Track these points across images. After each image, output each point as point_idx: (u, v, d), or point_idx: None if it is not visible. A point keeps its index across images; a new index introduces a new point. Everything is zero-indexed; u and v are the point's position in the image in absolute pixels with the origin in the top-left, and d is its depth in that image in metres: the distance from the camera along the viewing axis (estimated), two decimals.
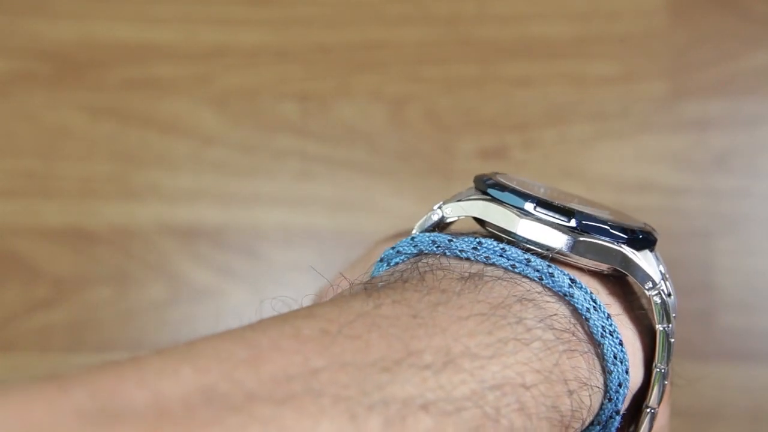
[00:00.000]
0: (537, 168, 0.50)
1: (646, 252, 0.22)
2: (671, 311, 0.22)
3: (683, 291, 0.48)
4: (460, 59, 0.51)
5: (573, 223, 0.21)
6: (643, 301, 0.23)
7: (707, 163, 0.49)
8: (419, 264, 0.21)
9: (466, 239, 0.21)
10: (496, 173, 0.24)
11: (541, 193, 0.23)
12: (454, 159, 0.50)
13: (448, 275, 0.20)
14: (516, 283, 0.20)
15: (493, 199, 0.22)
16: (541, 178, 0.49)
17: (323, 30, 0.52)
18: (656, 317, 0.22)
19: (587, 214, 0.22)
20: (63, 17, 0.52)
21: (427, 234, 0.22)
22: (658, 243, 0.23)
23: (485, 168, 0.50)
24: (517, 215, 0.21)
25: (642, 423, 0.22)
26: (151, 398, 0.15)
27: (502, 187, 0.22)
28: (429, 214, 0.24)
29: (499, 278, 0.20)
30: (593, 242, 0.21)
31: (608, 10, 0.51)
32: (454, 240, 0.21)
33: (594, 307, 0.20)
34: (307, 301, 0.21)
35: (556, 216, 0.21)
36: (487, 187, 0.23)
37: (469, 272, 0.20)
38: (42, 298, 0.49)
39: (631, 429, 0.22)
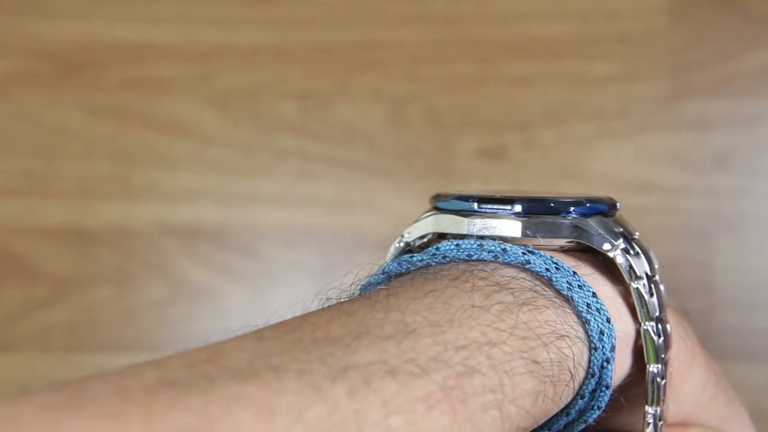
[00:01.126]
0: (537, 168, 0.50)
1: (600, 218, 0.22)
2: (639, 270, 0.22)
3: (683, 291, 0.48)
4: (460, 59, 0.51)
5: (518, 208, 0.22)
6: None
7: (707, 162, 0.49)
8: (384, 283, 0.22)
9: (426, 251, 0.22)
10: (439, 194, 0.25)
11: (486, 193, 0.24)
12: (453, 159, 0.50)
13: (406, 276, 0.21)
14: (471, 265, 0.21)
15: (441, 210, 0.23)
16: (541, 177, 0.49)
17: (323, 30, 0.52)
18: (625, 275, 0.22)
19: (528, 197, 0.22)
20: (63, 17, 0.52)
21: (393, 261, 0.23)
22: (659, 242, 0.23)
23: (485, 167, 0.50)
24: (463, 216, 0.22)
25: (648, 382, 0.22)
26: (114, 389, 0.15)
27: (446, 197, 0.23)
28: (394, 242, 0.24)
29: (455, 266, 0.21)
30: (541, 221, 0.22)
31: (608, 10, 0.51)
32: (416, 255, 0.22)
33: (556, 267, 0.21)
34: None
35: (499, 207, 0.22)
36: (435, 201, 0.24)
37: (428, 267, 0.21)
38: (41, 298, 0.49)
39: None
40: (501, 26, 0.51)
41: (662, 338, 0.22)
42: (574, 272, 0.21)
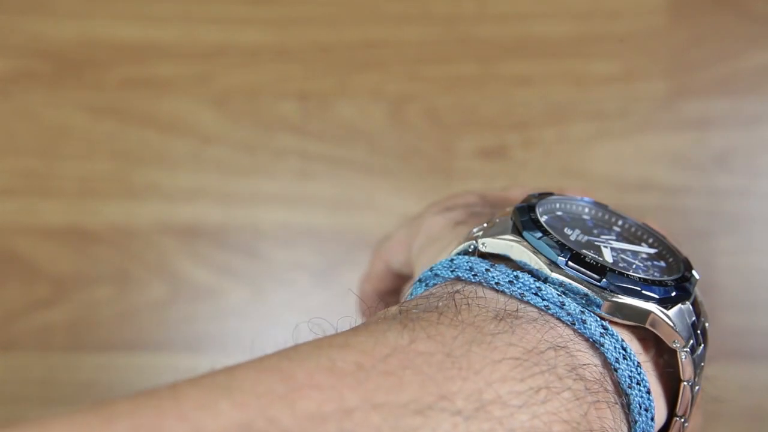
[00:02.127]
0: (537, 167, 0.50)
1: (679, 306, 0.22)
2: (698, 364, 0.22)
3: None
4: (460, 58, 0.51)
5: (603, 283, 0.21)
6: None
7: (707, 162, 0.49)
8: (455, 295, 0.21)
9: (503, 271, 0.22)
10: (542, 196, 0.25)
11: (578, 235, 0.23)
12: (454, 158, 0.50)
13: (482, 312, 0.20)
14: (550, 327, 0.20)
15: (526, 242, 0.23)
16: (541, 177, 0.49)
17: (323, 29, 0.52)
18: (681, 373, 0.22)
19: (618, 273, 0.22)
20: (63, 16, 0.52)
21: (466, 258, 0.23)
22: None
23: (485, 167, 0.50)
24: (549, 268, 0.22)
25: None
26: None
27: (538, 231, 0.22)
28: (467, 243, 0.24)
29: (533, 320, 0.20)
30: (622, 303, 0.21)
31: (608, 10, 0.51)
32: (491, 270, 0.22)
33: (624, 356, 0.20)
34: (342, 325, 0.21)
35: (587, 274, 0.21)
36: (523, 228, 0.23)
37: (504, 310, 0.20)
38: (42, 298, 0.49)
39: None
40: (501, 26, 0.51)
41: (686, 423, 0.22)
42: (638, 364, 0.21)
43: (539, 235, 0.22)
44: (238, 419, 0.15)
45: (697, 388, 0.22)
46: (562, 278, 0.21)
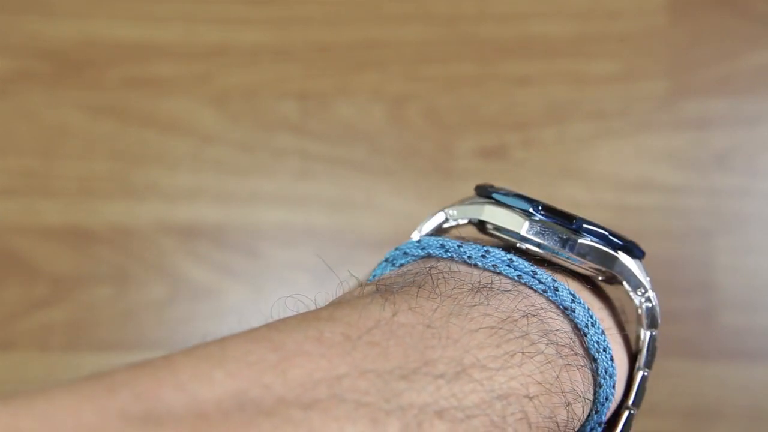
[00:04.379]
0: (537, 167, 0.50)
1: (640, 262, 0.24)
2: (657, 319, 0.23)
3: (683, 290, 0.48)
4: (460, 58, 0.51)
5: (575, 225, 0.22)
6: (620, 314, 0.25)
7: (707, 162, 0.49)
8: (431, 270, 0.22)
9: (474, 246, 0.22)
10: (492, 185, 0.25)
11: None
12: (453, 158, 0.50)
13: (459, 285, 0.21)
14: (522, 296, 0.21)
15: (498, 203, 0.23)
16: (541, 176, 0.49)
17: (323, 29, 0.52)
18: (645, 321, 0.23)
19: (587, 219, 0.23)
20: (63, 16, 0.52)
21: (435, 237, 0.23)
22: (659, 241, 0.24)
23: (485, 167, 0.50)
24: (523, 217, 0.22)
25: (619, 423, 0.23)
26: (188, 402, 0.15)
27: (507, 191, 0.23)
28: (432, 216, 0.24)
29: (507, 290, 0.21)
30: (594, 246, 0.22)
31: (608, 9, 0.51)
32: (463, 246, 0.22)
33: (591, 323, 0.21)
34: (320, 299, 0.22)
35: (559, 219, 0.22)
36: (492, 192, 0.24)
37: (480, 282, 0.21)
38: (41, 297, 0.49)
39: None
40: (501, 25, 0.51)
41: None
42: (602, 331, 0.22)
43: (507, 192, 0.23)
44: (233, 388, 0.16)
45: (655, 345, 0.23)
46: (536, 226, 0.22)
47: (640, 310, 0.23)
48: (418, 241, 0.23)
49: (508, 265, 0.22)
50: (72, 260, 0.50)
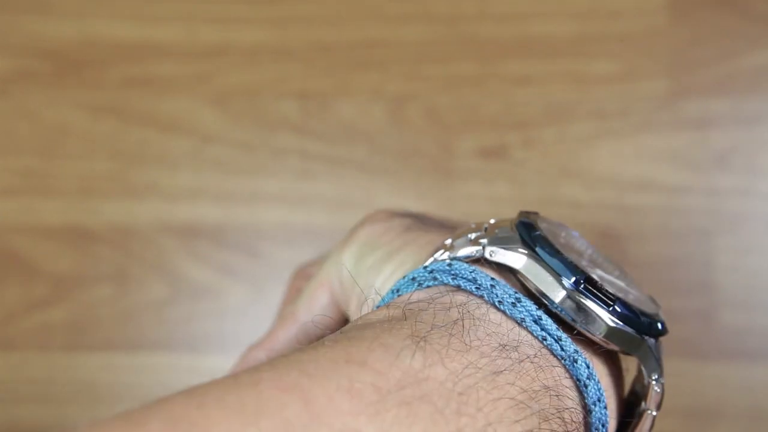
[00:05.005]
0: (537, 167, 0.50)
1: (659, 343, 0.24)
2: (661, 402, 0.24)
3: (683, 290, 0.48)
4: (461, 58, 0.51)
5: (611, 311, 0.22)
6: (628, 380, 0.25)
7: (707, 162, 0.49)
8: (464, 313, 0.21)
9: (506, 289, 0.22)
10: (530, 215, 0.24)
11: (585, 262, 0.23)
12: (454, 158, 0.50)
13: (489, 337, 0.21)
14: (545, 363, 0.21)
15: (539, 258, 0.23)
16: (541, 176, 0.49)
17: (323, 28, 0.52)
18: (653, 405, 0.23)
19: (626, 303, 0.22)
20: (63, 16, 0.52)
21: (468, 267, 0.23)
22: (659, 241, 0.24)
23: (485, 167, 0.50)
24: (561, 287, 0.22)
25: None
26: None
27: (552, 250, 0.23)
28: (474, 248, 0.24)
29: (531, 357, 0.21)
30: (624, 332, 0.22)
31: (608, 9, 0.51)
32: (496, 287, 0.22)
33: (599, 398, 0.22)
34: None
35: (598, 301, 0.22)
36: (535, 243, 0.23)
37: (508, 340, 0.21)
38: (41, 297, 0.49)
39: None
40: (501, 25, 0.51)
41: None
42: (606, 407, 0.22)
43: (552, 252, 0.22)
44: None
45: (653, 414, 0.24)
46: (577, 296, 0.22)
47: (650, 391, 0.23)
48: (449, 265, 0.23)
49: (536, 322, 0.21)
50: (72, 260, 0.50)
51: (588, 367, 0.21)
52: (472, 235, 0.24)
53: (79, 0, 0.52)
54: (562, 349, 0.21)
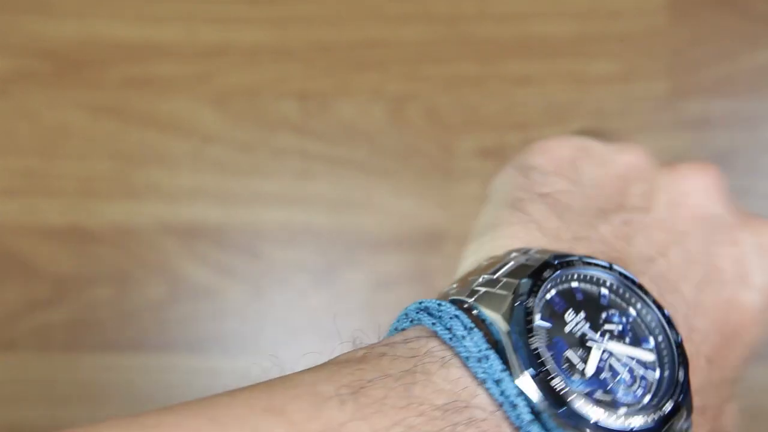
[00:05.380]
0: None
1: None
2: None
3: None
4: (461, 58, 0.51)
5: (560, 412, 0.21)
6: None
7: (707, 161, 0.49)
8: (419, 368, 0.21)
9: (478, 344, 0.21)
10: (566, 262, 0.23)
11: (579, 321, 0.22)
12: (454, 158, 0.50)
13: (433, 397, 0.20)
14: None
15: (509, 338, 0.22)
16: None
17: (323, 28, 0.52)
18: None
19: (574, 411, 0.21)
20: (63, 16, 0.52)
21: (452, 311, 0.22)
22: None
23: (485, 167, 0.50)
24: (519, 372, 0.21)
25: None
26: None
27: (520, 337, 0.22)
28: (465, 291, 0.23)
29: (475, 422, 0.20)
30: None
31: (608, 9, 0.51)
32: (467, 339, 0.21)
33: None
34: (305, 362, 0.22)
35: (547, 400, 0.21)
36: (511, 320, 0.22)
37: (456, 401, 0.20)
38: (42, 298, 0.49)
39: None
40: (501, 25, 0.51)
41: None
42: None
43: (522, 336, 0.21)
44: None
45: None
46: (524, 386, 0.21)
47: None
48: (440, 304, 0.22)
49: (496, 383, 0.21)
50: (72, 260, 0.50)
51: None
52: (483, 277, 0.23)
53: (80, 0, 0.52)
54: (518, 417, 0.20)
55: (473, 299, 0.23)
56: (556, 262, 0.23)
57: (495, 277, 0.23)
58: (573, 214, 0.25)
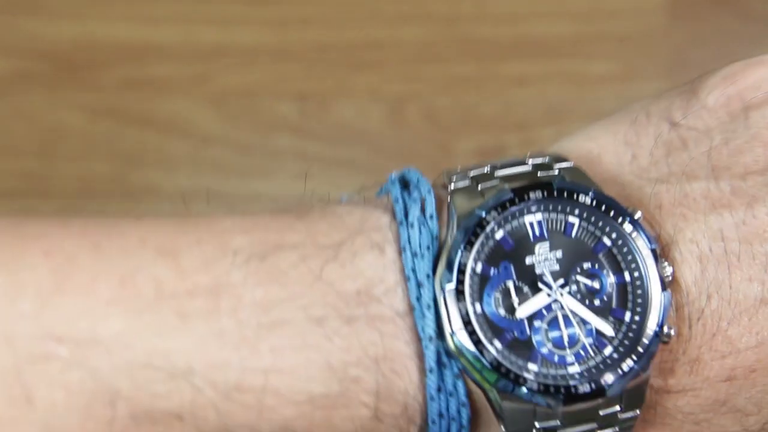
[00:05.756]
0: None
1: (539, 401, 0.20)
2: None
3: None
4: (459, 58, 0.51)
5: (452, 333, 0.19)
6: None
7: None
8: (345, 243, 0.20)
9: (425, 233, 0.20)
10: (544, 184, 0.21)
11: (540, 256, 0.20)
12: (452, 158, 0.50)
13: (342, 283, 0.19)
14: (385, 338, 0.19)
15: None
16: None
17: (322, 29, 0.52)
18: None
19: (459, 343, 0.20)
20: (61, 17, 0.52)
21: (424, 191, 0.22)
22: None
23: None
24: (443, 281, 0.20)
25: None
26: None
27: (458, 246, 0.20)
28: (458, 180, 0.22)
29: (375, 321, 0.19)
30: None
31: (607, 10, 0.51)
32: (416, 226, 0.20)
33: (440, 416, 0.19)
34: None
35: (449, 322, 0.19)
36: (459, 230, 0.20)
37: (366, 291, 0.19)
38: None
39: None
40: (500, 26, 0.51)
41: None
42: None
43: (459, 245, 0.20)
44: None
45: None
46: (441, 297, 0.19)
47: None
48: (418, 180, 0.22)
49: (418, 286, 0.19)
50: None
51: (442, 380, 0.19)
52: (486, 168, 0.22)
53: (77, 1, 0.52)
54: (423, 330, 0.19)
55: (454, 187, 0.22)
56: (567, 190, 0.21)
57: (491, 173, 0.22)
58: (685, 158, 0.21)
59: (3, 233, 0.19)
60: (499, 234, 0.20)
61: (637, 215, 0.20)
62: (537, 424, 0.19)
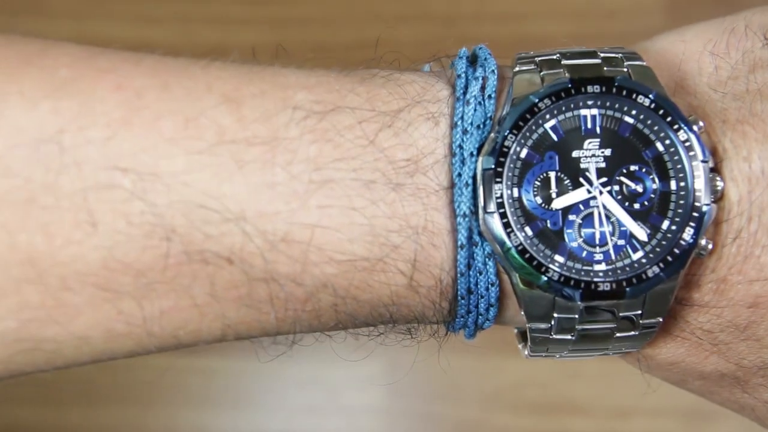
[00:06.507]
0: None
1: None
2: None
3: None
4: None
5: (485, 213, 0.20)
6: None
7: None
8: (403, 114, 0.20)
9: (481, 111, 0.20)
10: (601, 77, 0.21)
11: (581, 161, 0.20)
12: None
13: (394, 151, 0.20)
14: (424, 200, 0.20)
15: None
16: None
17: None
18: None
19: (490, 223, 0.20)
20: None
21: (490, 68, 0.22)
22: None
23: None
24: (484, 155, 0.20)
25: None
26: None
27: (506, 127, 0.20)
28: (526, 62, 0.22)
29: (418, 192, 0.20)
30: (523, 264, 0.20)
31: (606, 10, 0.51)
32: (473, 103, 0.21)
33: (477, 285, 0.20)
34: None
35: (484, 197, 0.20)
36: (510, 110, 0.21)
37: (413, 159, 0.20)
38: None
39: None
40: (499, 25, 0.51)
41: None
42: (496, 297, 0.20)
43: (507, 126, 0.20)
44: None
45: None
46: (480, 171, 0.20)
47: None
48: (486, 59, 0.22)
49: (462, 162, 0.19)
50: None
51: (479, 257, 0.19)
52: (555, 55, 0.22)
53: (77, 1, 0.52)
54: (459, 205, 0.19)
55: (518, 69, 0.21)
56: (627, 89, 0.20)
57: (558, 60, 0.21)
58: (766, 77, 0.21)
59: (77, 64, 0.19)
60: (550, 123, 0.20)
61: (697, 126, 0.20)
62: (555, 315, 0.20)
